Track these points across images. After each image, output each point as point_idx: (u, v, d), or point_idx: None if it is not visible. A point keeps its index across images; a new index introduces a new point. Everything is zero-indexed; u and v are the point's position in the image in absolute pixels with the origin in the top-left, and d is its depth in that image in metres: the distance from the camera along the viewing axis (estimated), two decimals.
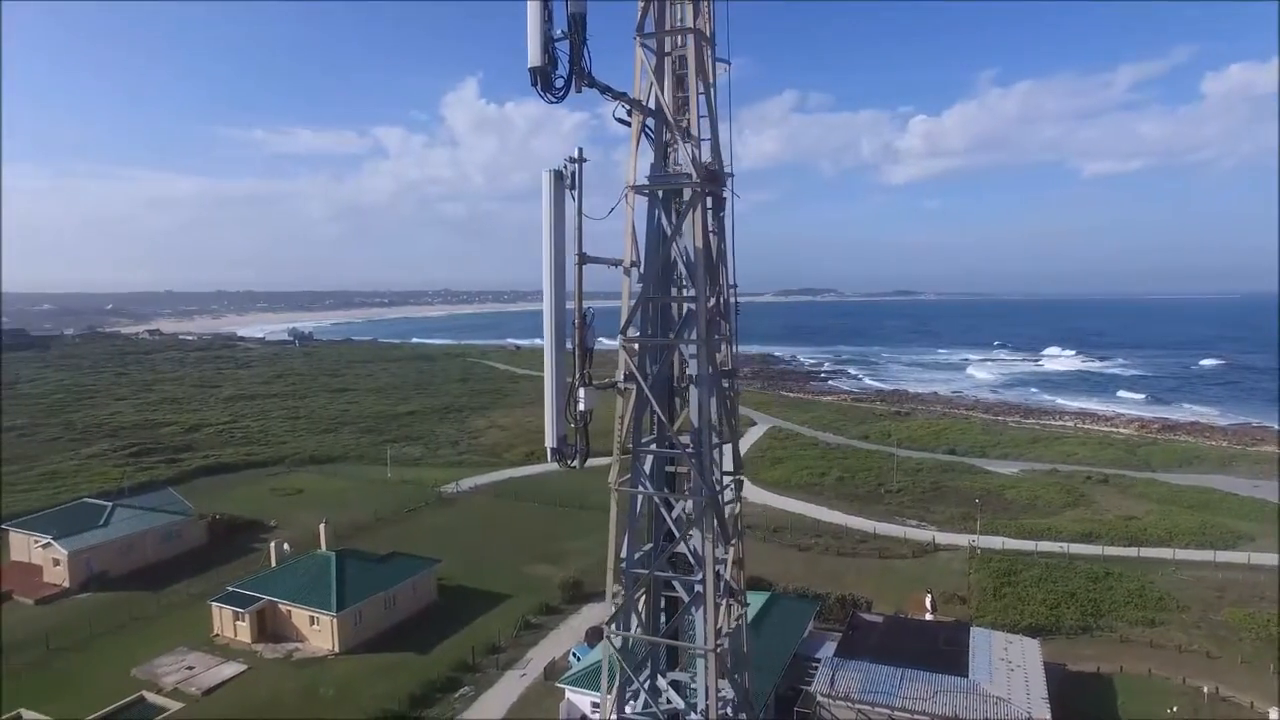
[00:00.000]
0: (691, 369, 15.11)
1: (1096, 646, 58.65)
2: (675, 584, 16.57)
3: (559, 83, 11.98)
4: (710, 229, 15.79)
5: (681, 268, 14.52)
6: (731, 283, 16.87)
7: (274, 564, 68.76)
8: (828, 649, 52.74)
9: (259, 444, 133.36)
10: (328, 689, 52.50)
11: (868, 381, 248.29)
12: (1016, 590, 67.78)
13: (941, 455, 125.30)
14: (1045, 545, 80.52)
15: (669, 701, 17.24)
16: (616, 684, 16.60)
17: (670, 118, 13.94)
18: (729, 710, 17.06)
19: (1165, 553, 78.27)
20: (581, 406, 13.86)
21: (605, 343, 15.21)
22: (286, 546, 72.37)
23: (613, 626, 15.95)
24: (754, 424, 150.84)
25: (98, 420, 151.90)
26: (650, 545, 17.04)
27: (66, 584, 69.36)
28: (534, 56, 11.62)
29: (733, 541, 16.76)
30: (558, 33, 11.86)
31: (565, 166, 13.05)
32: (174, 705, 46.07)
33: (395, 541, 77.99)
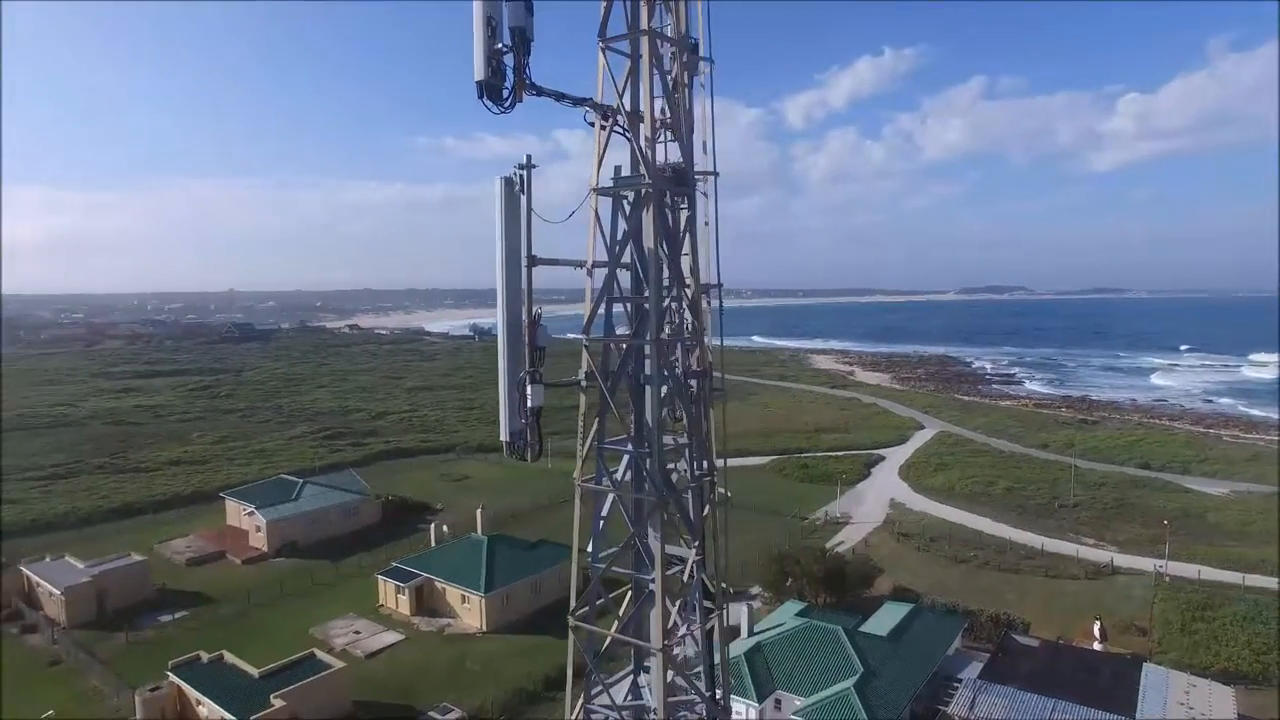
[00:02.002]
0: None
1: None
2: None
3: (506, 95, 12.45)
4: (682, 229, 15.58)
5: (639, 268, 14.55)
6: (716, 282, 16.58)
7: (433, 544, 73.87)
8: (972, 670, 49.63)
9: (435, 432, 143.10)
10: (473, 664, 55.81)
11: (1052, 386, 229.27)
12: (1212, 628, 60.05)
13: (1132, 469, 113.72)
14: (1257, 580, 70.64)
15: (639, 699, 17.36)
16: (591, 677, 16.91)
17: (623, 121, 13.93)
18: (689, 713, 16.70)
19: None
20: (530, 403, 14.08)
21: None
22: (445, 529, 77.45)
23: (573, 619, 16.29)
24: (921, 428, 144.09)
25: (301, 405, 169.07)
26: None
27: (265, 549, 78.03)
28: (479, 70, 12.26)
29: (695, 543, 16.39)
30: (500, 46, 12.29)
31: (515, 173, 13.57)
32: (338, 664, 50.69)
33: (547, 530, 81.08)
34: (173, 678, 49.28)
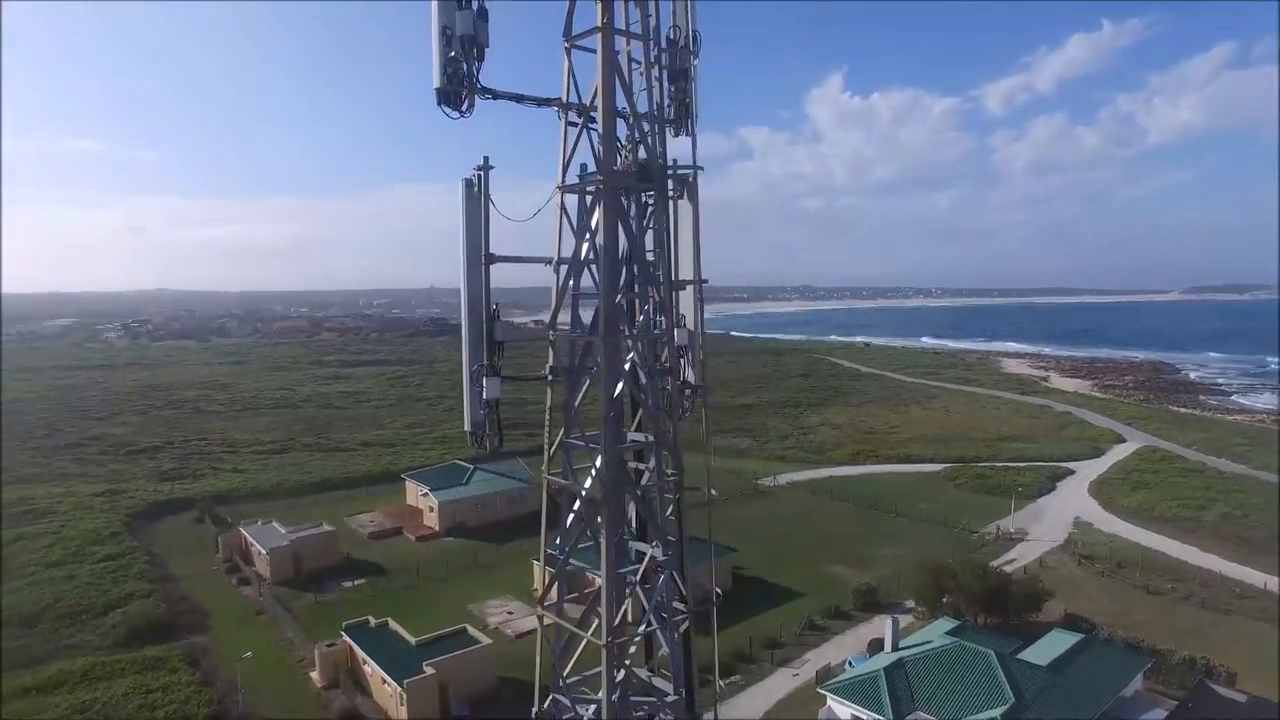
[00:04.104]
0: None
1: None
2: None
3: (462, 100, 13.13)
4: (654, 226, 14.90)
5: (597, 264, 14.32)
6: (701, 278, 15.86)
7: (589, 533, 76.01)
8: (1154, 715, 44.46)
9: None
10: None
11: None
12: None
13: None
14: None
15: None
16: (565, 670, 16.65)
17: (581, 117, 13.72)
18: (665, 714, 15.86)
19: None
20: (485, 395, 14.09)
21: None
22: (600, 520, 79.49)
23: (541, 608, 16.15)
24: (1122, 440, 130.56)
25: None
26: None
27: (437, 528, 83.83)
28: (435, 78, 13.03)
29: (655, 544, 15.62)
30: (453, 54, 12.89)
31: (474, 176, 13.99)
32: (486, 640, 53.62)
33: (704, 528, 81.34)
34: (345, 637, 54.19)
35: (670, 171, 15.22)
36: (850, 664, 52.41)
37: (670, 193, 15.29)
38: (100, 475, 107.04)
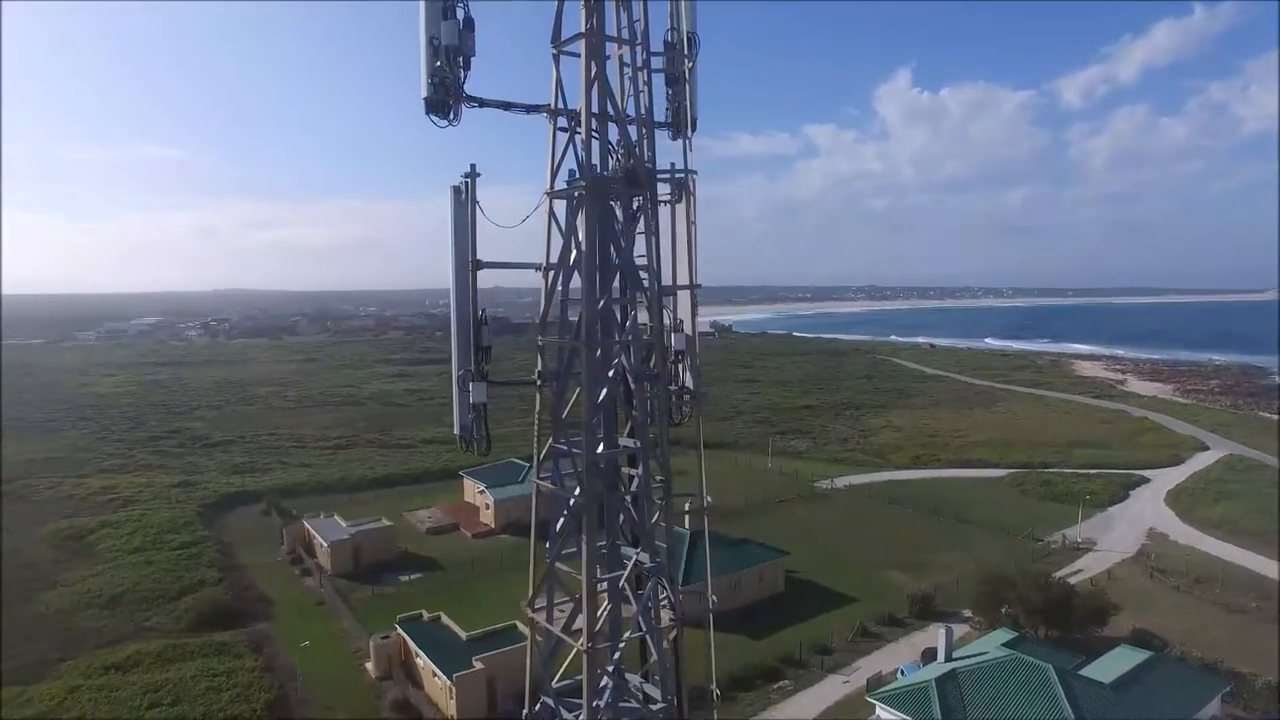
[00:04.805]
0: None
1: None
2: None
3: (449, 109, 13.47)
4: (642, 230, 14.62)
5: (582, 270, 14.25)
6: (688, 283, 15.49)
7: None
8: None
9: None
10: None
11: None
12: None
13: None
14: None
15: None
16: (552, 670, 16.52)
17: (564, 122, 13.61)
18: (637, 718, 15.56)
19: None
20: (472, 399, 14.08)
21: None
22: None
23: (530, 611, 16.10)
24: (1205, 449, 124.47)
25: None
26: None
27: (492, 525, 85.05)
28: (424, 88, 13.37)
29: (640, 550, 15.33)
30: (439, 64, 13.14)
31: (462, 183, 14.11)
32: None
33: (758, 529, 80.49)
34: (399, 630, 55.39)
35: (667, 175, 15.10)
36: (902, 673, 51.24)
37: (666, 197, 15.19)
38: (178, 467, 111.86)
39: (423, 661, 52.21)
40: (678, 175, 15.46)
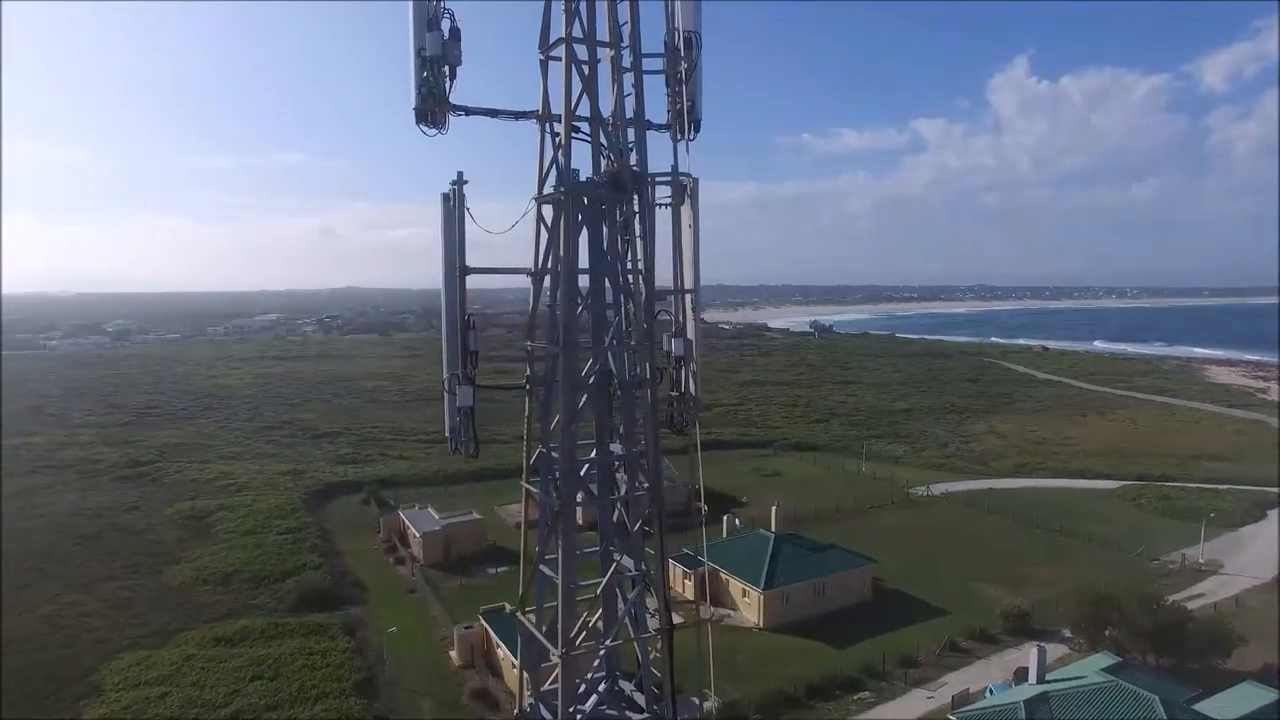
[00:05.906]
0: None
1: None
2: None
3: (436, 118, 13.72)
4: (626, 235, 13.96)
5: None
6: (688, 286, 14.70)
7: (724, 535, 75.51)
8: None
9: (756, 426, 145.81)
10: (741, 658, 56.15)
11: None
12: None
13: None
14: None
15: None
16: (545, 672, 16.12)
17: (548, 128, 13.18)
18: None
19: None
20: (458, 403, 13.86)
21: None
22: (738, 522, 78.74)
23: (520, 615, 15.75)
24: None
25: None
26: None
27: (580, 522, 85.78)
28: (413, 98, 13.72)
29: (622, 556, 14.72)
30: (425, 75, 13.43)
31: (451, 190, 14.04)
32: None
33: (848, 535, 78.45)
34: (482, 621, 56.77)
35: (668, 179, 14.74)
36: (991, 691, 48.92)
37: (662, 200, 14.83)
38: (289, 456, 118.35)
39: (503, 653, 53.31)
40: (680, 178, 15.12)
